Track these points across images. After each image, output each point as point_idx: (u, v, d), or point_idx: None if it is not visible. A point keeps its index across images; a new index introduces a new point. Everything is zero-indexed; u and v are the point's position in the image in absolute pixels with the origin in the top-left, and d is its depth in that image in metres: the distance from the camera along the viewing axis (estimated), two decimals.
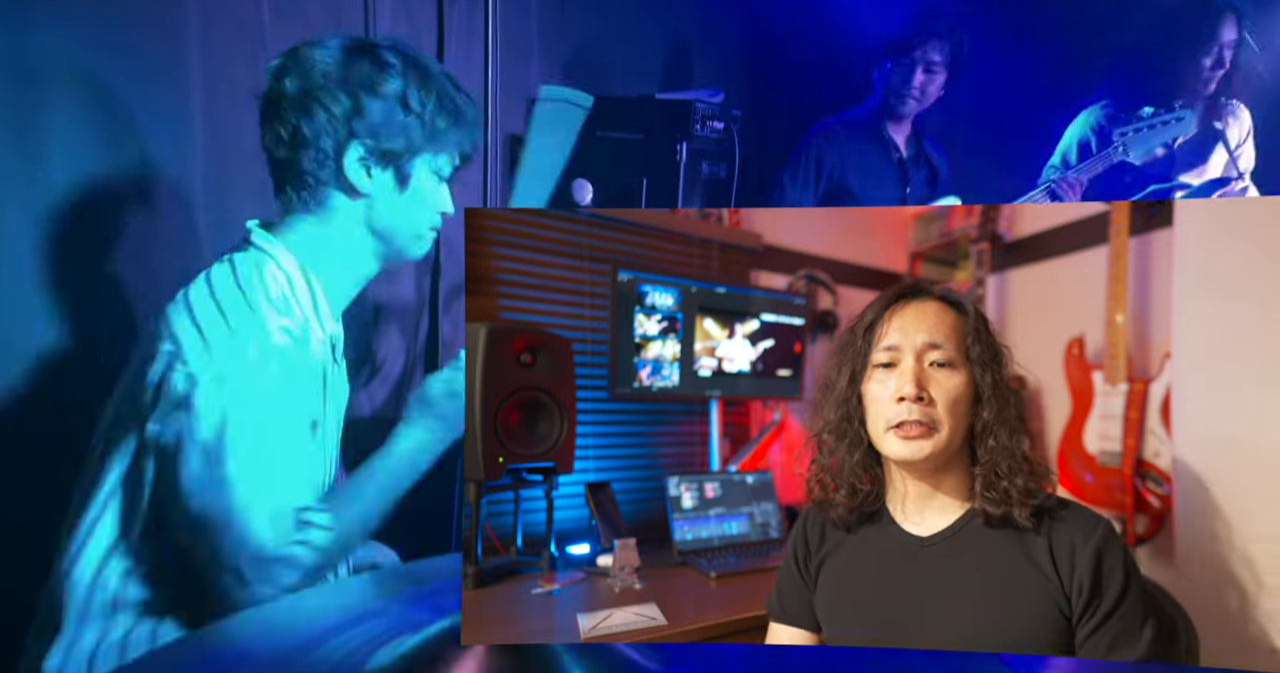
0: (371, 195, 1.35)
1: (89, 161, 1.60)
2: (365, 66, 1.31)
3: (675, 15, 3.05)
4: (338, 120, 1.30)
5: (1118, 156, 2.52)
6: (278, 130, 1.31)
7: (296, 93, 1.30)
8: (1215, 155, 2.70)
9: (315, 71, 1.30)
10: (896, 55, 2.67)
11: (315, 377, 1.32)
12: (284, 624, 0.92)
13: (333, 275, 1.38)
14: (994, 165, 2.88)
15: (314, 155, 1.31)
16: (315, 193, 1.34)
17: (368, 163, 1.33)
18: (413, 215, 1.40)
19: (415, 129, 1.34)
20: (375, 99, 1.31)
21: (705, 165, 2.50)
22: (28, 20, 1.50)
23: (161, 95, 1.70)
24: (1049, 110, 2.82)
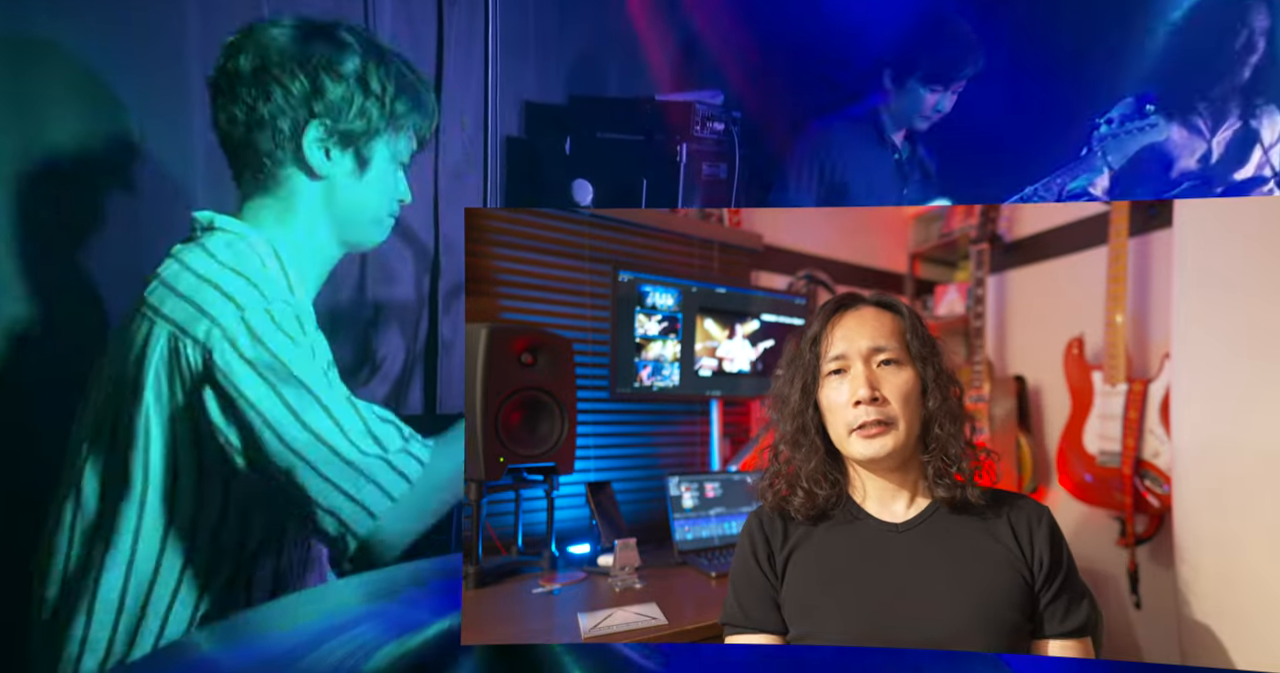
0: (331, 177, 1.33)
1: (88, 157, 1.60)
2: (323, 46, 1.29)
3: (675, 16, 3.05)
4: (296, 99, 1.28)
5: (1097, 163, 2.52)
6: (232, 110, 1.29)
7: (253, 71, 1.27)
8: (1255, 153, 2.70)
9: (272, 50, 1.28)
10: (929, 80, 2.64)
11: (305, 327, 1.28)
12: (284, 624, 0.92)
13: (300, 259, 1.35)
14: (991, 167, 2.88)
15: (271, 135, 1.29)
16: (274, 174, 1.32)
17: (326, 144, 1.31)
18: (372, 200, 1.37)
19: (374, 111, 1.32)
20: (334, 79, 1.29)
21: (705, 166, 2.50)
22: (26, 16, 1.50)
23: (160, 91, 1.70)
24: (1052, 111, 2.82)
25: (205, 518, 1.26)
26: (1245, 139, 2.71)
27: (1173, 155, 2.68)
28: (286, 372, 1.19)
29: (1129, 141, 2.49)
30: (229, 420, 1.19)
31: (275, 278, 1.27)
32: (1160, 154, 2.63)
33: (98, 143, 1.62)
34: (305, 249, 1.35)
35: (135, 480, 1.23)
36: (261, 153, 1.30)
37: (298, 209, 1.33)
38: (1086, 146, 2.57)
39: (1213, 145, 2.69)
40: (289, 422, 1.18)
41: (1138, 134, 2.48)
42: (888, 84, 2.71)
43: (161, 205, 1.68)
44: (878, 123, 2.74)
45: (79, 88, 1.58)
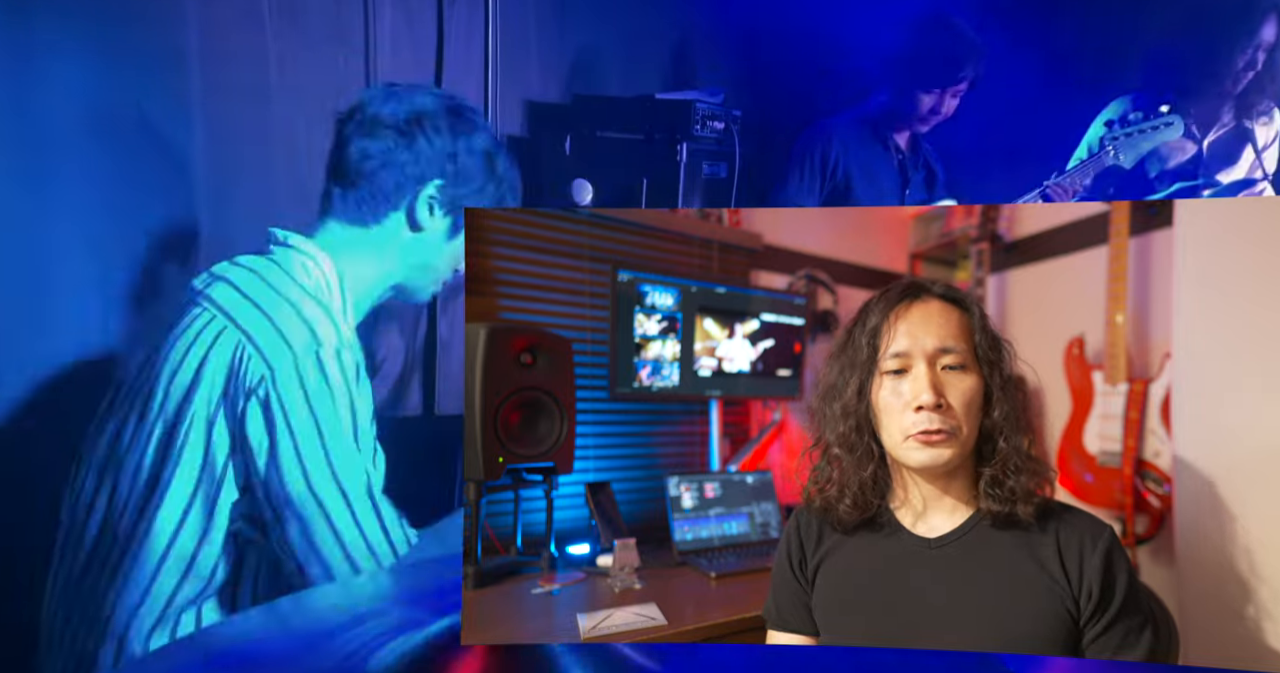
0: (426, 233, 1.42)
1: (88, 159, 1.60)
2: (467, 122, 1.41)
3: (675, 15, 3.05)
4: (435, 155, 1.38)
5: (1109, 161, 2.51)
6: (367, 145, 1.37)
7: (403, 118, 1.37)
8: (1245, 156, 2.69)
9: (428, 108, 1.39)
10: (913, 82, 2.64)
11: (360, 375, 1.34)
12: (285, 624, 0.92)
13: (359, 290, 1.41)
14: (993, 167, 2.88)
15: (396, 178, 1.38)
16: (377, 210, 1.39)
17: (435, 202, 1.40)
18: (441, 264, 1.47)
19: (491, 191, 1.43)
20: (468, 151, 1.40)
21: (705, 166, 2.49)
22: (28, 21, 1.50)
23: (161, 93, 1.70)
24: (1052, 111, 2.81)
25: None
26: (1238, 140, 2.70)
27: (1163, 156, 2.67)
28: (334, 413, 1.24)
29: (1142, 140, 2.49)
30: (260, 440, 1.23)
31: (347, 316, 1.35)
32: (1151, 155, 2.62)
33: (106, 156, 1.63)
34: (368, 284, 1.42)
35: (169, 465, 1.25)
36: (380, 190, 1.38)
37: (385, 250, 1.41)
38: (1098, 146, 2.57)
39: (1204, 146, 2.68)
40: (319, 459, 1.23)
41: (1151, 133, 2.47)
42: (887, 85, 2.71)
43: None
44: (878, 123, 2.74)
45: (83, 99, 1.59)
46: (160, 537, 1.24)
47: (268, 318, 1.26)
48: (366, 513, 1.25)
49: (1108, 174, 2.57)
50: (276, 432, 1.22)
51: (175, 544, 1.24)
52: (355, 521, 1.24)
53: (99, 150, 1.61)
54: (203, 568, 1.25)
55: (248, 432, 1.22)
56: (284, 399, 1.22)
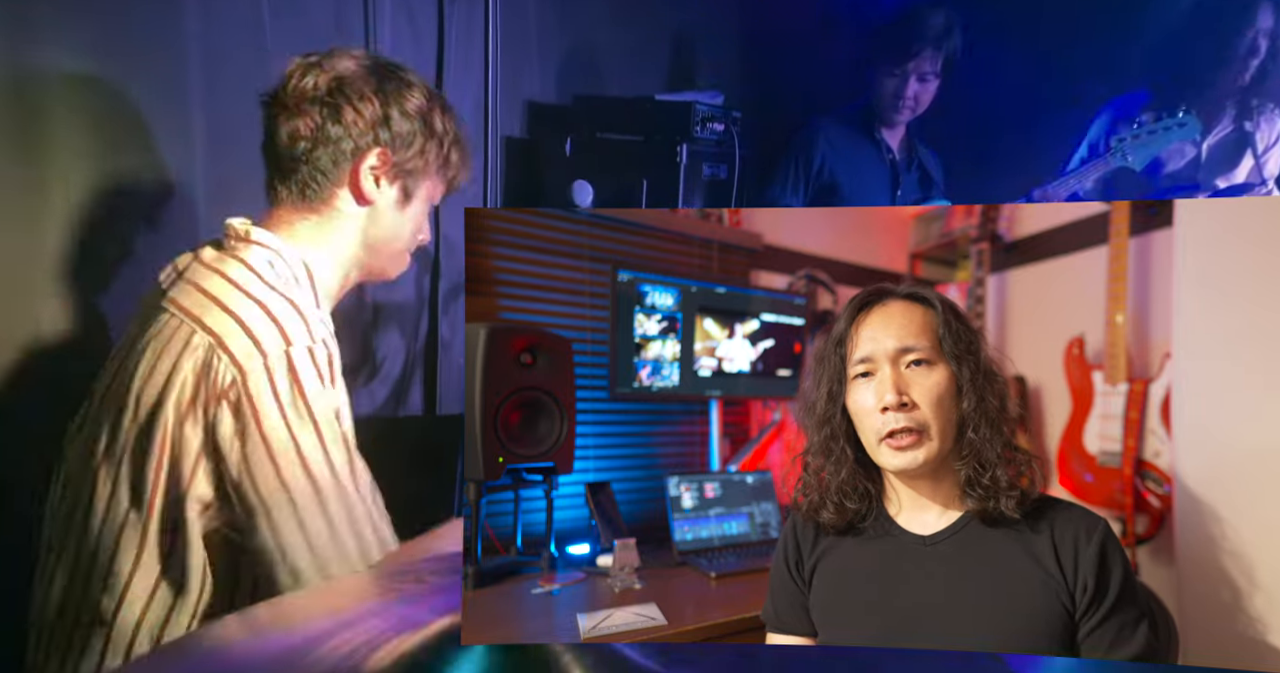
0: (376, 205, 1.37)
1: (90, 160, 1.60)
2: (393, 82, 1.35)
3: (675, 16, 3.05)
4: (365, 124, 1.32)
5: (1115, 162, 2.50)
6: (296, 125, 1.32)
7: (327, 90, 1.32)
8: (1246, 159, 2.67)
9: (347, 73, 1.33)
10: (888, 64, 2.64)
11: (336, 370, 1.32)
12: (283, 624, 0.92)
13: (326, 277, 1.38)
14: (992, 168, 2.88)
15: (332, 154, 1.33)
16: (323, 193, 1.35)
17: (379, 172, 1.35)
18: (403, 233, 1.42)
19: (433, 152, 1.38)
20: (402, 114, 1.34)
21: (706, 167, 2.49)
22: (28, 21, 1.50)
23: (161, 94, 1.70)
24: (1050, 111, 2.81)
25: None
26: (1238, 144, 2.69)
27: (1161, 158, 2.66)
28: (308, 414, 1.21)
29: (1153, 142, 2.46)
30: (232, 444, 1.20)
31: (320, 311, 1.30)
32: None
33: (106, 156, 1.62)
34: (333, 269, 1.38)
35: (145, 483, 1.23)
36: (318, 170, 1.33)
37: (338, 229, 1.37)
38: (1103, 146, 2.55)
39: (1203, 149, 2.67)
40: (293, 462, 1.20)
41: (1164, 134, 2.45)
42: (868, 78, 2.71)
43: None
44: (871, 121, 2.74)
45: (84, 100, 1.58)
46: (135, 546, 1.22)
47: (235, 320, 1.22)
48: (340, 515, 1.22)
49: (1110, 175, 2.55)
50: (248, 434, 1.19)
51: (151, 550, 1.22)
52: (329, 523, 1.21)
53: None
54: (181, 573, 1.24)
55: (219, 436, 1.20)
56: (256, 401, 1.19)
